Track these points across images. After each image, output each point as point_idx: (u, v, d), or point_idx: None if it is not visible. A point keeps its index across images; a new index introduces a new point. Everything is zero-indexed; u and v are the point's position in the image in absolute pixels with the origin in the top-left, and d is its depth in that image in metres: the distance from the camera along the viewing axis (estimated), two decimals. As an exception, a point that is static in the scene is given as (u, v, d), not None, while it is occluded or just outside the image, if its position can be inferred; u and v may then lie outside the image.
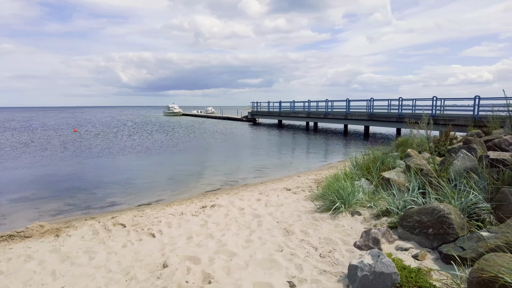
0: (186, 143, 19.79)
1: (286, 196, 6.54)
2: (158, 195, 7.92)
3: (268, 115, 37.04)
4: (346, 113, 25.49)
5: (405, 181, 5.93)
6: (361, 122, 24.25)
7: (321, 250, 3.86)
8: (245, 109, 43.16)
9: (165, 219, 5.42)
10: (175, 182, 9.43)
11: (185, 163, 13.11)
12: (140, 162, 13.39)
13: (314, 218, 4.98)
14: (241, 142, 20.37)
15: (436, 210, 3.65)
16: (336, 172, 8.39)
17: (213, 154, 15.76)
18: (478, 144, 6.47)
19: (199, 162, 13.26)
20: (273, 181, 8.81)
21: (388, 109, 23.71)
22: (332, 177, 6.51)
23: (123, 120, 48.39)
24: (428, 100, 19.64)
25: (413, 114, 20.77)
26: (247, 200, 6.29)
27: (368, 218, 4.80)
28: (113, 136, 24.36)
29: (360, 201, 5.28)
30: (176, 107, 65.89)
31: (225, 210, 5.66)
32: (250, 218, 5.16)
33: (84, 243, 4.54)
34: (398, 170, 6.53)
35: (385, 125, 22.83)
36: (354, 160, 7.83)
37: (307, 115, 30.02)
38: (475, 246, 3.05)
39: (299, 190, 6.98)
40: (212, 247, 4.09)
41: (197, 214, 5.55)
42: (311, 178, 8.52)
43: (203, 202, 6.48)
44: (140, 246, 4.32)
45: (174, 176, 10.32)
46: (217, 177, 10.00)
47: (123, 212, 6.36)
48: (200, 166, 12.34)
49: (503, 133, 8.13)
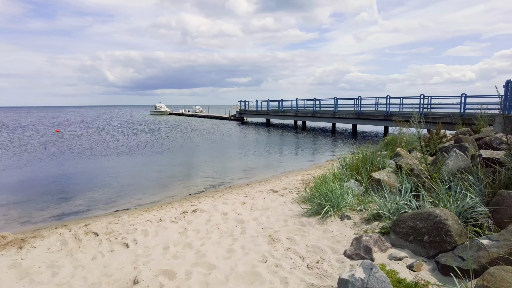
0: (172, 143, 19.29)
1: (272, 198, 6.22)
2: (138, 199, 7.49)
3: (256, 114, 36.72)
4: (334, 111, 25.37)
5: (396, 182, 5.68)
6: (349, 120, 24.17)
7: (309, 260, 3.55)
8: (233, 108, 42.73)
9: (141, 226, 5.03)
10: (157, 185, 9.00)
11: (169, 164, 12.67)
12: (122, 163, 12.88)
13: (302, 223, 4.67)
14: (229, 142, 19.99)
15: (431, 215, 3.38)
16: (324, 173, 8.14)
17: (199, 154, 15.33)
18: (470, 142, 6.29)
19: (184, 163, 12.83)
20: (259, 182, 8.48)
21: (375, 108, 23.67)
22: (320, 178, 6.22)
23: (108, 120, 47.32)
24: (416, 98, 19.64)
25: (400, 112, 20.77)
26: (231, 204, 5.94)
27: (358, 222, 4.52)
28: (96, 136, 23.64)
29: (349, 204, 5.00)
30: (163, 106, 64.90)
31: (207, 216, 5.30)
32: (233, 224, 4.82)
33: (49, 255, 4.12)
34: (388, 170, 6.29)
35: (373, 123, 22.81)
36: (343, 159, 7.57)
37: (295, 113, 29.83)
38: (476, 256, 2.79)
39: (286, 192, 6.67)
40: (190, 258, 3.73)
41: (176, 221, 5.17)
42: (298, 178, 8.22)
43: (185, 206, 6.10)
44: (111, 258, 3.93)
45: (156, 178, 9.88)
46: (202, 179, 9.61)
47: (98, 218, 5.92)
48: (185, 167, 11.92)
49: (493, 131, 8.01)
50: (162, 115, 60.69)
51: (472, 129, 9.25)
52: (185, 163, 12.79)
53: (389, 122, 21.18)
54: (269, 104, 34.47)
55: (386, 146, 12.27)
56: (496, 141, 6.17)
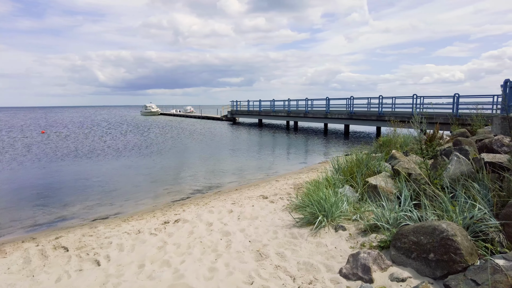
0: (161, 145, 18.76)
1: (262, 206, 5.81)
2: (119, 207, 7.01)
3: (248, 114, 36.30)
4: (326, 112, 25.10)
5: (393, 188, 5.34)
6: (341, 121, 23.90)
7: (300, 280, 3.15)
8: (225, 108, 42.24)
9: (117, 239, 4.57)
10: (140, 190, 8.52)
11: (156, 166, 12.18)
12: (107, 166, 12.34)
13: (293, 235, 4.28)
14: (220, 143, 19.53)
15: (437, 230, 3.01)
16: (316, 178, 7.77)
17: (189, 156, 14.85)
18: (470, 145, 5.97)
19: (172, 166, 12.33)
20: (249, 186, 8.07)
21: (367, 108, 23.45)
22: (312, 184, 5.84)
23: (97, 120, 46.40)
24: (409, 98, 19.45)
25: (393, 113, 20.57)
26: (217, 213, 5.52)
27: (354, 234, 4.14)
28: (83, 137, 22.96)
29: (344, 213, 4.62)
30: (154, 106, 64.05)
31: (190, 227, 4.86)
32: (218, 236, 4.40)
33: (7, 277, 3.64)
34: (385, 175, 5.94)
35: (365, 123, 22.58)
36: (336, 162, 7.20)
37: (287, 114, 29.49)
38: (492, 281, 2.42)
39: (276, 198, 6.27)
40: (166, 279, 3.30)
41: (156, 233, 4.72)
42: (290, 183, 7.84)
43: (167, 215, 5.66)
44: (78, 279, 3.48)
45: (141, 183, 9.40)
46: (189, 183, 9.16)
47: (72, 229, 5.43)
48: (172, 170, 11.44)
49: (491, 132, 7.73)
50: (153, 116, 59.87)
51: (468, 130, 8.98)
52: (173, 166, 12.31)
53: (382, 123, 20.99)
54: (261, 104, 34.10)
55: (380, 148, 11.98)
56: (496, 144, 5.85)
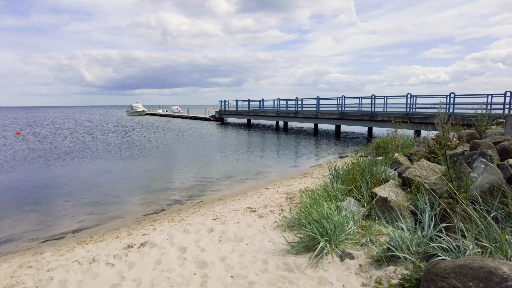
0: (143, 146, 17.61)
1: (249, 222, 4.87)
2: (79, 222, 5.94)
3: (237, 114, 35.27)
4: (317, 112, 24.32)
5: (406, 201, 4.48)
6: (332, 121, 23.16)
7: None
8: (213, 108, 41.13)
9: (62, 272, 3.56)
10: (111, 200, 7.46)
11: (134, 170, 11.11)
12: (80, 170, 11.20)
13: (287, 266, 3.35)
14: (206, 144, 18.50)
15: (495, 274, 2.13)
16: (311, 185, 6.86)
17: (172, 159, 13.79)
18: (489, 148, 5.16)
19: (151, 170, 11.26)
20: (235, 196, 7.11)
21: (359, 108, 22.76)
22: (308, 195, 4.94)
23: (81, 120, 44.66)
24: (402, 98, 18.79)
25: (386, 112, 19.91)
26: (194, 233, 4.54)
27: (366, 264, 3.24)
28: (62, 139, 21.59)
29: (351, 235, 3.72)
30: (140, 106, 62.39)
31: (158, 254, 3.88)
32: (191, 269, 3.43)
33: None
34: (393, 184, 5.07)
35: (357, 124, 21.87)
36: (333, 168, 6.31)
37: (277, 114, 28.63)
38: None
39: (266, 212, 5.34)
40: None
41: (114, 262, 3.72)
42: (281, 191, 6.92)
43: (133, 236, 4.65)
44: None
45: (113, 190, 8.32)
46: (167, 192, 8.14)
47: (9, 257, 4.36)
48: (151, 175, 10.39)
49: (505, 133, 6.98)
50: (139, 116, 58.25)
51: (476, 131, 8.23)
52: (152, 170, 11.25)
53: (374, 123, 20.32)
54: (250, 104, 33.13)
55: (377, 150, 11.18)
56: (521, 147, 5.08)
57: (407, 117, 17.81)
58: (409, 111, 18.20)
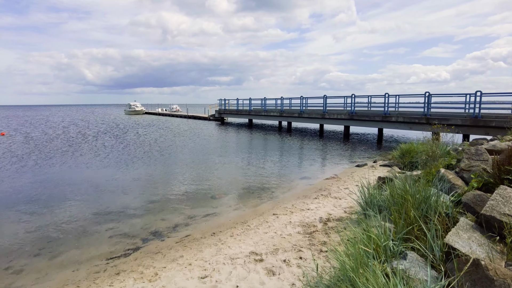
0: (134, 151, 15.95)
1: (254, 285, 3.22)
2: (11, 274, 4.29)
3: (237, 113, 33.55)
4: (323, 111, 22.61)
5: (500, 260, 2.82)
6: (341, 121, 21.45)
7: None
8: (212, 107, 39.47)
9: None
10: (70, 232, 5.72)
11: (115, 182, 9.48)
12: (50, 183, 9.55)
13: None
14: (203, 148, 16.85)
15: None
16: (337, 214, 5.19)
17: (163, 167, 12.10)
18: None
19: (133, 186, 9.26)
20: (233, 227, 5.43)
21: (368, 107, 21.06)
22: (349, 256, 3.29)
23: (75, 120, 43.03)
24: (420, 96, 17.07)
25: (400, 113, 18.22)
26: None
27: None
28: (47, 141, 19.96)
29: None
30: (138, 105, 60.77)
31: None
32: None
33: None
34: (467, 226, 3.41)
35: (368, 125, 20.13)
36: (365, 192, 4.65)
37: (280, 114, 26.92)
38: None
39: (278, 263, 3.69)
40: None
41: None
42: (296, 220, 5.25)
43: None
44: None
45: (77, 217, 6.56)
46: (147, 217, 6.40)
47: None
48: (133, 190, 8.70)
49: None
50: (137, 115, 56.63)
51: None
52: (138, 181, 9.60)
53: (387, 124, 18.61)
54: (251, 103, 31.43)
55: (403, 159, 9.51)
56: None
57: (425, 118, 16.13)
58: (427, 112, 16.47)
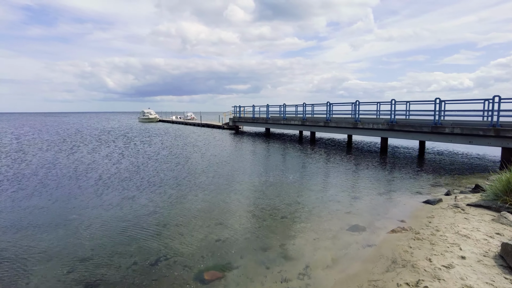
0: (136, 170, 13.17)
1: None
2: None
3: (253, 122, 30.46)
4: (355, 120, 19.20)
5: None
6: (377, 132, 17.99)
7: None
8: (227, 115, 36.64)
9: None
10: None
11: (100, 224, 6.60)
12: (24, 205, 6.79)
13: None
14: (211, 165, 13.85)
15: None
16: None
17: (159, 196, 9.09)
18: None
19: (119, 226, 6.51)
20: None
21: (406, 116, 17.46)
22: None
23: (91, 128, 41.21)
24: (479, 103, 13.43)
25: (455, 123, 14.63)
26: None
27: None
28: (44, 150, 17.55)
29: None
30: (152, 112, 58.95)
31: None
32: None
33: None
34: None
35: (411, 136, 16.56)
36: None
37: (302, 122, 23.65)
38: None
39: None
40: None
41: None
42: None
43: None
44: None
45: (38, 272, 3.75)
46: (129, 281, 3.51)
47: None
48: (116, 236, 5.79)
49: None
50: (150, 123, 54.66)
51: None
52: (120, 228, 6.65)
53: (437, 136, 15.02)
54: (269, 111, 28.33)
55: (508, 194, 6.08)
56: None
57: (493, 129, 12.49)
58: (496, 120, 12.82)
